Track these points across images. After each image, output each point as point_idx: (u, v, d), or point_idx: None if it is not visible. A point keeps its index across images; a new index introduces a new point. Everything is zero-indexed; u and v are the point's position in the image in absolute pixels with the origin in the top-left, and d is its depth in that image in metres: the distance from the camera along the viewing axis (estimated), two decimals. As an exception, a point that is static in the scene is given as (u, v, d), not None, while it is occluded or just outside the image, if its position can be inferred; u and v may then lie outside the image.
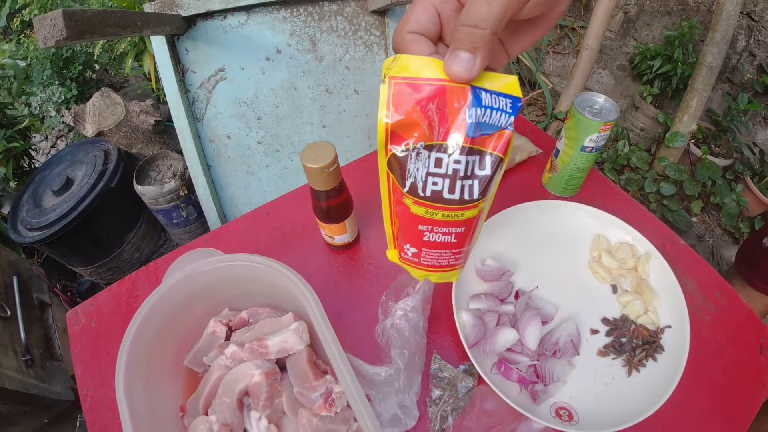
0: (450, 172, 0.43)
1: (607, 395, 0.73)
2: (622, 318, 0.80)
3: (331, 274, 0.88)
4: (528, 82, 2.50)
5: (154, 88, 2.23)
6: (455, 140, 0.42)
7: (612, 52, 2.46)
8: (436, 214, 0.46)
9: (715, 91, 2.28)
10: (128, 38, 2.22)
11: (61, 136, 3.02)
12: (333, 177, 0.72)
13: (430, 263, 0.53)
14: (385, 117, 0.41)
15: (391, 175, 0.45)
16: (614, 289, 0.84)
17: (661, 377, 0.72)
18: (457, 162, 0.43)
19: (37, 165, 2.34)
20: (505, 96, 0.43)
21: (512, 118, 0.43)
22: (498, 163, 0.44)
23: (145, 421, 0.59)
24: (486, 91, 0.42)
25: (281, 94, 1.65)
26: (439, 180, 0.44)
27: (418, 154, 0.43)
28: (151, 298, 0.65)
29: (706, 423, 0.74)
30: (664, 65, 2.22)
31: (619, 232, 0.87)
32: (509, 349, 0.73)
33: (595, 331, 0.79)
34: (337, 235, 0.85)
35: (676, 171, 1.90)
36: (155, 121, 1.99)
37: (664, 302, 0.81)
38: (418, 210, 0.46)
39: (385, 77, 0.41)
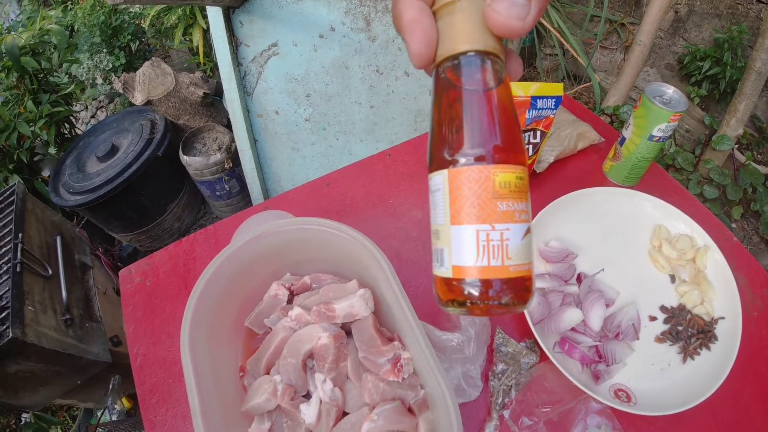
0: None
1: (663, 380, 0.74)
2: (680, 307, 0.81)
3: (393, 246, 0.90)
4: (573, 76, 2.48)
5: (202, 61, 2.25)
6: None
7: (660, 50, 2.43)
8: None
9: (760, 98, 2.25)
10: (179, 11, 2.26)
11: (102, 107, 3.06)
12: None
13: None
14: None
15: None
16: (672, 278, 0.84)
17: (714, 366, 0.73)
18: None
19: (78, 133, 2.38)
20: (551, 97, 0.80)
21: (555, 111, 0.81)
22: (543, 135, 0.84)
23: (207, 379, 0.60)
24: (540, 98, 0.78)
25: (332, 72, 1.65)
26: None
27: None
28: (221, 256, 0.66)
29: (751, 414, 0.74)
30: (713, 67, 2.19)
31: (679, 223, 0.87)
32: (573, 329, 0.74)
33: (653, 318, 0.80)
34: None
35: (720, 174, 1.88)
36: (204, 93, 2.01)
37: (719, 294, 0.81)
38: None
39: None
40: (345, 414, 0.65)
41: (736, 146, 2.09)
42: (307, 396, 0.67)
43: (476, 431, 0.70)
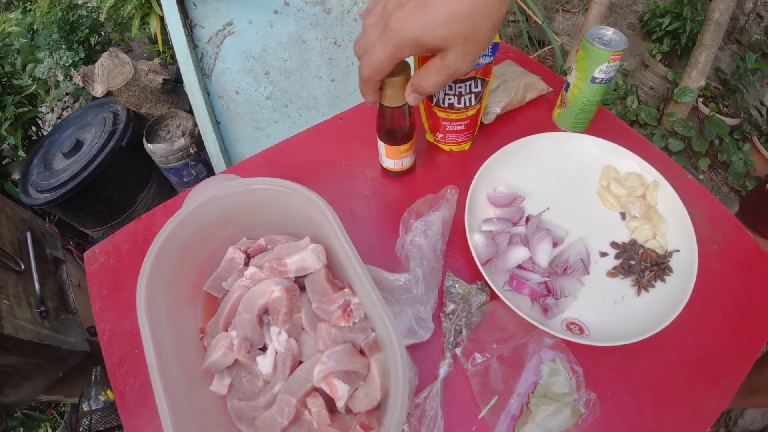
0: (456, 92, 0.84)
1: (617, 313, 0.75)
2: (631, 242, 0.82)
3: (347, 204, 0.90)
4: (537, 42, 2.48)
5: (161, 50, 2.23)
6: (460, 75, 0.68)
7: (622, 10, 2.45)
8: (452, 115, 0.87)
9: (723, 51, 2.27)
10: (134, 0, 2.23)
11: (67, 107, 3.02)
12: (403, 93, 0.72)
13: (452, 141, 0.94)
14: (417, 66, 0.79)
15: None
16: (623, 216, 0.85)
17: (670, 297, 0.74)
18: (459, 86, 0.83)
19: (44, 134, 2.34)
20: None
21: (492, 58, 0.80)
22: (484, 83, 0.84)
23: (166, 342, 0.60)
24: None
25: (289, 47, 1.65)
26: (452, 97, 0.84)
27: None
28: (172, 222, 0.66)
29: (717, 345, 0.76)
30: (674, 23, 2.21)
31: (628, 161, 0.88)
32: (520, 267, 0.75)
33: (604, 254, 0.81)
34: (402, 158, 0.87)
35: (684, 127, 1.90)
36: (164, 79, 1.99)
37: (672, 228, 0.82)
38: (441, 114, 0.88)
39: None
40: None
41: (700, 99, 2.11)
42: (264, 350, 0.68)
43: (432, 370, 0.71)
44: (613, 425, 0.69)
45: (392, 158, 0.86)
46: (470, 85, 0.83)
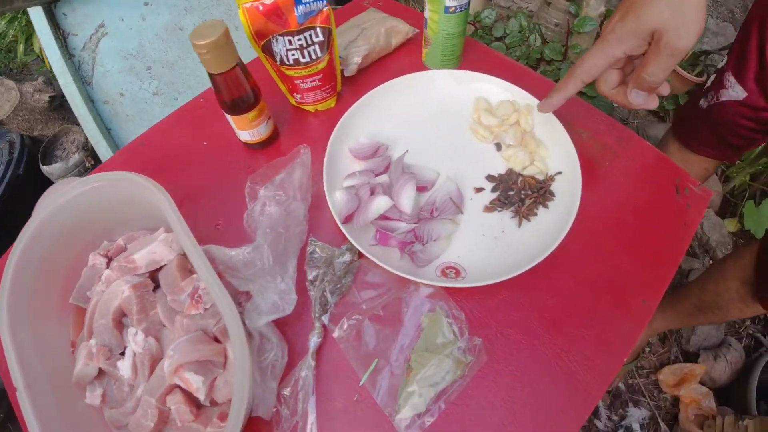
0: (298, 46, 0.77)
1: (498, 248, 0.70)
2: (508, 172, 0.77)
3: (209, 186, 0.83)
4: None
5: (49, 67, 2.11)
6: (293, 27, 0.74)
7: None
8: (301, 72, 0.81)
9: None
10: (17, 24, 2.13)
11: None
12: (227, 55, 0.67)
13: (313, 100, 0.88)
14: (249, 29, 0.74)
15: (267, 57, 0.80)
16: (498, 146, 0.80)
17: (555, 222, 0.70)
18: (299, 39, 0.76)
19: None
20: None
21: (325, 2, 0.75)
22: (326, 31, 0.78)
23: (33, 360, 0.57)
24: None
25: (167, 37, 1.57)
26: (295, 52, 0.78)
27: (276, 40, 0.76)
28: (21, 240, 0.62)
29: (623, 266, 0.72)
30: (568, -45, 2.16)
31: (498, 89, 0.84)
32: (385, 218, 0.69)
33: (479, 189, 0.76)
34: (255, 127, 0.80)
35: (592, 57, 1.86)
36: (50, 97, 1.88)
37: (552, 151, 0.78)
38: (291, 72, 0.82)
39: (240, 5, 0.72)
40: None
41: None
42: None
43: (303, 344, 0.65)
44: (510, 369, 0.64)
45: (245, 129, 0.79)
46: (310, 35, 0.77)
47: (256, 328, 0.61)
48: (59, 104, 1.95)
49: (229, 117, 0.77)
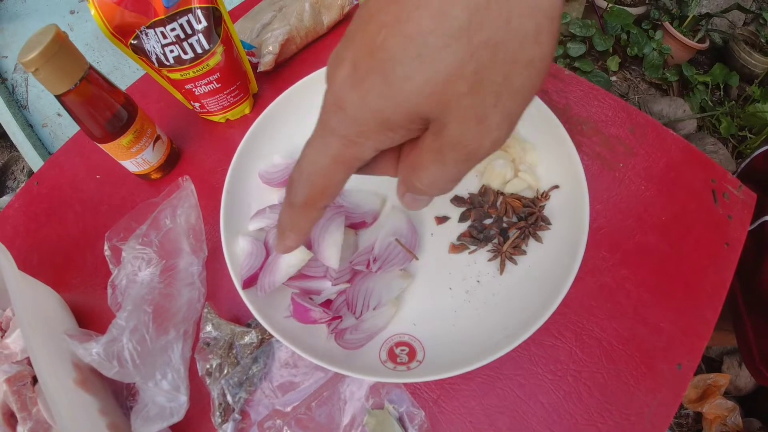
0: (174, 38, 0.57)
1: (473, 309, 0.49)
2: (482, 191, 0.55)
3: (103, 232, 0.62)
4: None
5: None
6: (162, 12, 0.55)
7: None
8: (189, 73, 0.60)
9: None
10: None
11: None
12: (68, 66, 0.50)
13: (218, 108, 0.66)
14: (106, 27, 0.54)
15: (143, 59, 0.60)
16: (467, 155, 0.58)
17: (555, 263, 0.48)
18: (173, 29, 0.56)
19: None
20: None
21: None
22: (209, 11, 0.56)
23: None
24: None
25: (100, 46, 1.48)
26: (174, 47, 0.58)
27: (145, 35, 0.56)
28: None
29: (648, 319, 0.51)
30: None
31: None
32: (304, 276, 0.48)
33: (442, 219, 0.54)
34: (137, 155, 0.61)
35: (582, 27, 1.64)
36: (-13, 127, 1.73)
37: (543, 155, 0.55)
38: (176, 75, 0.61)
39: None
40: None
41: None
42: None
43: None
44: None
45: (124, 159, 0.60)
46: (187, 21, 0.56)
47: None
48: (2, 132, 1.79)
49: (100, 146, 0.57)
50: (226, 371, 0.46)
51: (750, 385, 1.35)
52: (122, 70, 1.48)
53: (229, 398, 0.45)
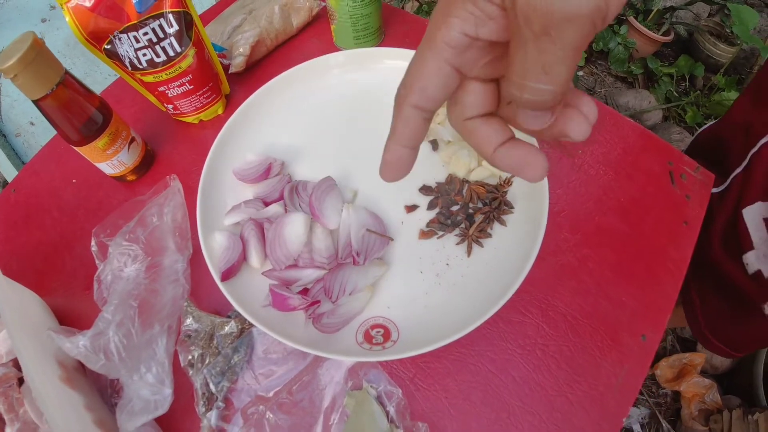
0: (146, 42, 0.59)
1: (443, 290, 0.51)
2: (448, 180, 0.58)
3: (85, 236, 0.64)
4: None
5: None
6: (134, 17, 0.56)
7: None
8: (162, 76, 0.62)
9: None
10: None
11: None
12: (45, 71, 0.51)
13: (191, 109, 0.68)
14: (81, 33, 0.56)
15: (116, 63, 0.61)
16: (434, 145, 0.61)
17: (518, 244, 0.51)
18: (145, 33, 0.58)
19: None
20: None
21: None
22: (180, 15, 0.59)
23: None
24: None
25: (71, 52, 1.46)
26: (146, 50, 0.59)
27: (119, 40, 0.58)
28: None
29: (613, 294, 0.53)
30: None
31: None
32: (290, 266, 0.50)
33: (412, 208, 0.57)
34: (113, 157, 0.62)
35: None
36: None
37: (506, 145, 0.58)
38: (149, 78, 0.62)
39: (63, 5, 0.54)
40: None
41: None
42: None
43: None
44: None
45: (100, 161, 0.62)
46: (159, 26, 0.59)
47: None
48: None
49: (76, 149, 0.58)
50: (207, 361, 0.48)
51: (726, 364, 1.37)
52: (94, 77, 1.47)
53: (212, 387, 0.47)
